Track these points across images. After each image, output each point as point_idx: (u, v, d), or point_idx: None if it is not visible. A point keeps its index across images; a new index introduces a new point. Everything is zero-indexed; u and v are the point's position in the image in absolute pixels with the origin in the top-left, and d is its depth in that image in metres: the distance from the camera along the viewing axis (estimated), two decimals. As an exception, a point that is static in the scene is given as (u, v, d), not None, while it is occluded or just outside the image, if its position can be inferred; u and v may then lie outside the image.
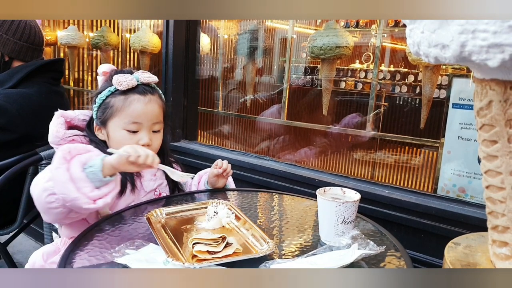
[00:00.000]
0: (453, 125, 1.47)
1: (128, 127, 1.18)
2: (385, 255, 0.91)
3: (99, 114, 1.22)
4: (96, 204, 0.97)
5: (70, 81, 3.19)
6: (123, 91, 1.19)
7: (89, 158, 1.01)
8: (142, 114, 1.19)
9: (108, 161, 1.00)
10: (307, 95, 2.22)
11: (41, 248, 1.22)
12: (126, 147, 1.02)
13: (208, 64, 2.46)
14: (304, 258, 0.87)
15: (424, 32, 0.59)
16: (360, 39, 2.13)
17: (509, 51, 0.49)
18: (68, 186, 0.95)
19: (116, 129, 1.19)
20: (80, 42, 2.95)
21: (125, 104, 1.18)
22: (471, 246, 0.78)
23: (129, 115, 1.18)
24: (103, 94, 1.20)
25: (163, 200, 1.25)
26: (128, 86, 1.18)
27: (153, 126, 1.22)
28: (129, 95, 1.19)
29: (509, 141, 0.60)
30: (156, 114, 1.23)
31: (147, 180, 1.27)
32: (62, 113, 1.23)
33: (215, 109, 2.44)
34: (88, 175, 0.98)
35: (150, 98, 1.21)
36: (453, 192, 1.49)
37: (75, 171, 0.97)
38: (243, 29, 2.35)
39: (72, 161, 0.99)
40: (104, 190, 1.00)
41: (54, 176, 0.96)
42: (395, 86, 2.01)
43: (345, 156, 2.06)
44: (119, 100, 1.19)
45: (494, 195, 0.65)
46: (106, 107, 1.20)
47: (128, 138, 1.18)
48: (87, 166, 0.99)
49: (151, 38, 2.46)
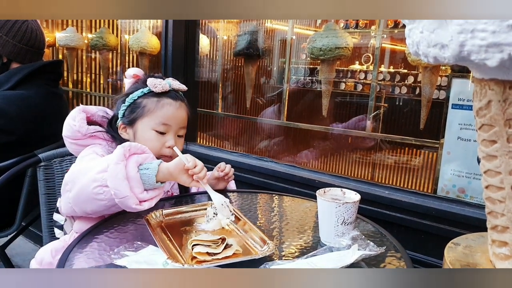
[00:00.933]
0: (453, 126, 1.47)
1: (158, 127, 1.21)
2: (385, 256, 0.90)
3: (127, 113, 1.24)
4: (142, 206, 1.00)
5: (69, 83, 3.19)
6: (156, 93, 1.22)
7: (145, 159, 1.05)
8: (172, 117, 1.23)
9: (164, 166, 1.04)
10: (307, 96, 2.22)
11: (49, 244, 1.21)
12: (186, 155, 1.07)
13: (207, 65, 2.46)
14: (304, 259, 0.86)
15: (423, 32, 0.59)
16: (359, 40, 2.13)
17: (508, 50, 0.49)
18: (123, 183, 0.97)
19: (145, 128, 1.21)
20: (78, 43, 2.95)
21: (157, 106, 1.21)
22: (470, 246, 0.78)
23: (160, 116, 1.21)
24: (135, 94, 1.23)
25: (162, 201, 1.25)
26: (162, 89, 1.22)
27: (179, 131, 1.26)
28: (162, 98, 1.23)
29: (508, 141, 0.60)
30: (184, 119, 1.27)
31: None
32: (83, 108, 1.24)
33: (215, 111, 2.43)
34: (142, 176, 1.01)
35: (180, 104, 1.26)
36: (453, 193, 1.48)
37: (131, 170, 1.00)
38: (242, 30, 2.35)
39: (130, 159, 1.02)
40: (152, 194, 1.03)
41: (111, 170, 0.98)
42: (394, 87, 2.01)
43: (345, 157, 2.06)
44: (152, 101, 1.22)
45: (494, 195, 0.65)
46: (137, 107, 1.22)
47: (156, 139, 1.21)
48: (142, 168, 1.02)
49: (150, 39, 2.46)
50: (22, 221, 1.67)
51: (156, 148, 1.20)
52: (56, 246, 1.19)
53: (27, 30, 1.73)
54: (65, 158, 1.53)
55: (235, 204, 1.26)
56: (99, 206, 1.01)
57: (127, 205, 0.98)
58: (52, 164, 1.51)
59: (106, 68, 2.90)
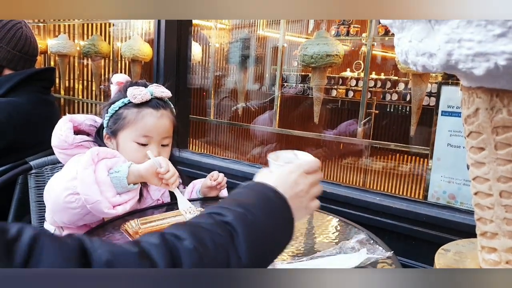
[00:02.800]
0: (443, 133, 1.49)
1: (138, 139, 1.18)
2: (377, 262, 0.91)
3: (110, 124, 1.21)
4: (115, 210, 0.99)
5: (61, 90, 3.17)
6: (136, 104, 1.19)
7: (116, 163, 1.03)
8: (154, 128, 1.19)
9: (135, 168, 1.03)
10: (299, 103, 2.23)
11: None
12: (160, 158, 1.06)
13: (199, 72, 2.46)
14: (309, 260, 0.87)
15: (411, 41, 0.60)
16: (350, 48, 2.16)
17: (494, 59, 0.50)
18: (93, 188, 0.96)
19: (126, 140, 1.19)
20: (70, 50, 2.94)
21: (137, 117, 1.18)
22: (460, 252, 0.79)
23: (140, 128, 1.17)
24: (116, 105, 1.20)
25: (152, 209, 1.24)
26: (142, 99, 1.18)
27: (162, 141, 1.22)
28: (142, 109, 1.19)
29: (495, 148, 0.61)
30: (167, 129, 1.23)
31: (154, 189, 1.26)
32: (70, 118, 1.22)
33: (207, 117, 2.44)
34: (113, 180, 1.00)
35: (162, 113, 1.21)
36: (443, 199, 1.50)
37: (101, 174, 0.99)
38: (234, 37, 2.36)
39: (99, 164, 1.00)
40: (125, 197, 1.02)
41: (80, 176, 0.96)
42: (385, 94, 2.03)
43: (336, 163, 2.07)
44: (131, 112, 1.18)
45: (483, 202, 0.66)
46: (118, 118, 1.19)
47: (137, 150, 1.18)
48: (113, 171, 1.01)
49: (142, 46, 2.46)
50: (12, 229, 1.65)
51: (138, 159, 1.16)
52: None
53: (22, 37, 1.72)
54: (56, 166, 1.52)
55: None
56: (73, 215, 0.99)
57: (99, 210, 0.97)
58: (43, 171, 1.50)
59: (98, 75, 2.89)
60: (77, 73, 3.11)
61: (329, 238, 1.06)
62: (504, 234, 0.63)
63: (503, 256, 0.65)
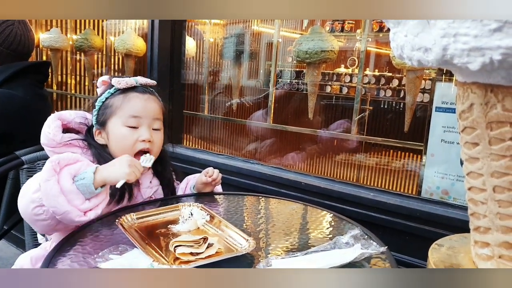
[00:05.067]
0: (436, 129, 1.49)
1: (128, 122, 1.17)
2: (371, 257, 0.91)
3: (98, 117, 1.21)
4: (86, 216, 0.96)
5: (53, 85, 3.14)
6: (122, 90, 1.19)
7: (79, 168, 0.98)
8: (142, 109, 1.19)
9: (100, 173, 0.99)
10: (293, 99, 2.23)
11: (29, 252, 1.19)
12: (124, 168, 1.00)
13: (193, 67, 2.45)
14: (304, 255, 0.87)
15: (407, 36, 0.60)
16: (345, 44, 2.15)
17: (489, 54, 0.50)
18: (59, 199, 0.93)
19: (116, 126, 1.18)
20: (63, 44, 2.91)
21: (124, 100, 1.18)
22: (454, 247, 0.79)
23: (128, 110, 1.17)
24: (103, 97, 1.20)
25: (143, 205, 1.23)
26: (127, 84, 1.19)
27: (153, 123, 1.21)
28: (128, 93, 1.19)
29: (490, 143, 0.61)
30: (156, 111, 1.22)
31: (145, 187, 1.26)
32: (59, 116, 1.19)
33: (201, 113, 2.43)
34: (79, 187, 0.96)
35: (148, 97, 1.22)
36: (436, 195, 1.51)
37: (65, 183, 0.94)
38: (229, 32, 2.35)
39: (62, 172, 0.96)
40: (95, 202, 0.98)
41: (43, 189, 0.93)
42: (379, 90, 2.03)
43: (331, 159, 2.07)
44: (118, 98, 1.19)
45: (476, 197, 0.66)
46: (105, 108, 1.19)
47: (128, 134, 1.17)
48: (78, 178, 0.97)
49: (136, 41, 2.44)
50: (4, 224, 1.64)
51: (130, 144, 1.16)
52: (36, 253, 1.17)
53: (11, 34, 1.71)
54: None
55: (222, 206, 1.25)
56: (44, 226, 0.97)
57: (69, 219, 0.94)
58: (35, 166, 1.48)
59: (91, 70, 2.86)
60: (70, 67, 3.09)
61: (323, 233, 1.07)
62: (497, 228, 0.64)
63: (496, 251, 0.65)
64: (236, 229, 0.99)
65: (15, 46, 1.73)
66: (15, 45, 1.73)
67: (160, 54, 2.19)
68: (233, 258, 0.87)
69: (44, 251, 1.19)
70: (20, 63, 1.72)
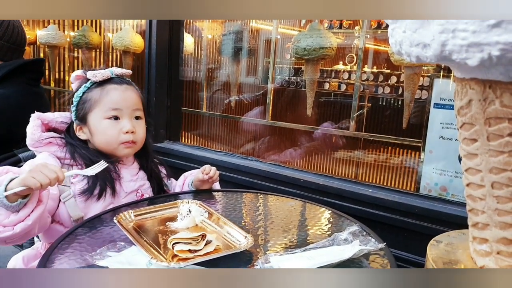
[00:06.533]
0: (435, 125, 1.49)
1: (108, 114, 1.17)
2: (369, 254, 0.91)
3: (78, 113, 1.20)
4: (14, 230, 0.92)
5: (51, 82, 3.13)
6: (99, 83, 1.19)
7: (2, 181, 0.93)
8: (121, 100, 1.19)
9: (10, 185, 0.92)
10: (291, 96, 2.23)
11: (21, 252, 1.19)
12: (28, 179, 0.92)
13: (191, 64, 2.44)
14: (302, 252, 0.87)
15: (406, 32, 0.60)
16: (343, 41, 2.15)
17: (488, 50, 0.50)
18: None
19: (98, 120, 1.18)
20: (60, 41, 2.90)
21: (102, 94, 1.18)
22: (452, 244, 0.79)
23: (107, 102, 1.17)
24: (79, 91, 1.20)
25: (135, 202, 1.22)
26: (103, 77, 1.18)
27: (134, 113, 1.22)
28: (106, 86, 1.19)
29: (488, 139, 0.61)
30: (136, 101, 1.23)
31: (127, 181, 1.24)
32: (39, 115, 1.21)
33: (199, 110, 2.42)
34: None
35: (126, 87, 1.22)
36: (435, 191, 1.51)
37: None
38: (227, 29, 2.34)
39: None
40: (22, 214, 0.93)
41: None
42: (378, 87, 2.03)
43: (329, 156, 2.07)
44: (96, 92, 1.18)
45: (474, 193, 0.66)
46: (83, 102, 1.19)
47: (111, 127, 1.17)
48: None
49: (134, 38, 2.43)
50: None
51: (114, 136, 1.17)
52: (28, 254, 1.17)
53: (9, 27, 1.70)
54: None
55: (220, 203, 1.25)
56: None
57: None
58: (32, 164, 1.48)
59: (89, 67, 2.85)
60: (67, 64, 3.07)
61: (322, 230, 1.07)
62: (496, 224, 0.64)
63: (494, 247, 0.65)
64: (234, 226, 0.99)
65: (14, 38, 1.72)
66: (14, 37, 1.72)
67: (158, 51, 2.18)
68: (232, 255, 0.87)
69: (35, 251, 1.19)
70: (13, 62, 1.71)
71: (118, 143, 1.18)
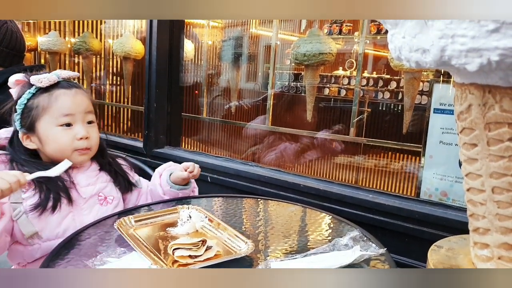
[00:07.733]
0: (435, 130, 1.49)
1: (60, 121, 1.11)
2: (370, 259, 0.91)
3: (23, 121, 1.13)
4: None
5: (52, 88, 3.13)
6: (45, 89, 1.12)
7: None
8: (72, 105, 1.13)
9: None
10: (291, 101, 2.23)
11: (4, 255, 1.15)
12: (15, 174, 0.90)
13: (192, 70, 2.45)
14: (303, 257, 0.87)
15: (405, 37, 0.60)
16: (343, 46, 2.16)
17: (487, 55, 0.50)
18: None
19: (49, 127, 1.11)
20: (61, 48, 2.91)
21: (51, 100, 1.11)
22: (453, 249, 0.79)
23: (58, 109, 1.11)
24: (23, 98, 1.12)
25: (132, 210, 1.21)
26: (49, 82, 1.12)
27: (86, 117, 1.16)
28: (53, 91, 1.12)
29: (488, 144, 0.61)
30: (86, 104, 1.17)
31: (84, 186, 1.18)
32: None
33: (200, 115, 2.43)
34: None
35: (76, 91, 1.16)
36: (435, 196, 1.50)
37: None
38: (227, 35, 2.35)
39: None
40: None
41: None
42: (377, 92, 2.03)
43: (330, 161, 2.07)
44: (43, 98, 1.11)
45: (475, 198, 0.66)
46: (30, 110, 1.12)
47: (64, 134, 1.12)
48: None
49: (134, 44, 2.44)
50: None
51: (67, 143, 1.11)
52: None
53: (7, 32, 1.70)
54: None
55: (220, 209, 1.25)
56: None
57: None
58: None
59: (89, 73, 2.86)
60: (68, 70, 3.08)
61: (322, 235, 1.06)
62: (497, 229, 0.64)
63: (496, 252, 0.65)
64: (235, 232, 0.99)
65: (13, 44, 1.72)
66: (13, 43, 1.72)
67: (159, 57, 2.18)
68: (232, 261, 0.87)
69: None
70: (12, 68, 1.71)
71: (72, 150, 1.13)
